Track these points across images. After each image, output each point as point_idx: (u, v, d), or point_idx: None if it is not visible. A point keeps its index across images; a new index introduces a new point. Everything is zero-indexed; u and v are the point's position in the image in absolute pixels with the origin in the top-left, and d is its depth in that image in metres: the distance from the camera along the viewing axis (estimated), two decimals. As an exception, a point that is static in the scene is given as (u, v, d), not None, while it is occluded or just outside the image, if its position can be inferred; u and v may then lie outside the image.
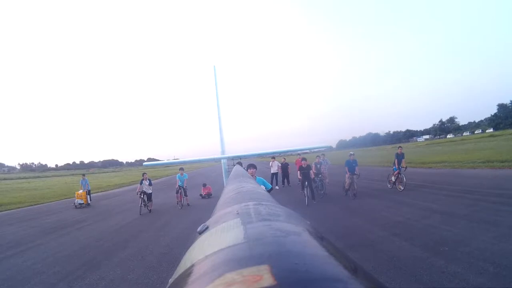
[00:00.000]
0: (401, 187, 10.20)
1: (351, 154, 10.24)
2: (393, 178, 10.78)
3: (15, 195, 21.07)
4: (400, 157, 10.62)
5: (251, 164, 4.39)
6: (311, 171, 9.91)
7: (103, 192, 21.89)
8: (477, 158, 16.77)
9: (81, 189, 14.16)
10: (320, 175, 10.88)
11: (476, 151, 21.78)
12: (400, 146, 11.25)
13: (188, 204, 11.22)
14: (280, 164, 14.65)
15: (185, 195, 11.13)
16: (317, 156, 11.49)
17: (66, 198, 17.92)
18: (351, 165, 9.93)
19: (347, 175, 9.93)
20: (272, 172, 14.45)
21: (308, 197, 9.28)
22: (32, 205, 15.74)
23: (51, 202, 17.03)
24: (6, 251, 6.63)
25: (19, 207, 15.10)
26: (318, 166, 10.93)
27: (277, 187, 13.78)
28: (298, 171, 10.17)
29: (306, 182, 9.44)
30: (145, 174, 11.19)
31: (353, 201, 9.17)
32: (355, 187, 9.64)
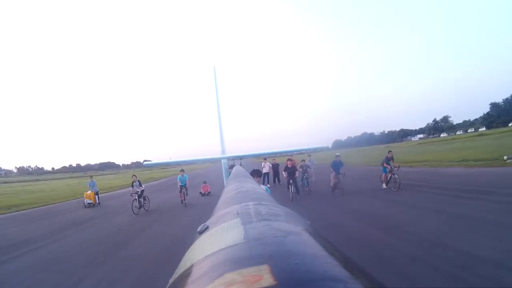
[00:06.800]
0: (385, 185, 11.05)
1: (337, 156, 11.04)
2: (386, 178, 11.16)
3: (24, 197, 22.15)
4: (389, 161, 11.10)
5: (255, 171, 3.85)
6: (296, 171, 11.15)
7: (106, 193, 22.97)
8: (456, 158, 18.07)
9: (89, 190, 15.43)
10: (306, 174, 12.20)
11: (461, 150, 22.72)
12: (390, 151, 11.67)
13: (185, 204, 12.24)
14: (271, 165, 16.15)
15: (186, 194, 12.33)
16: (302, 160, 12.67)
17: (73, 199, 19.19)
18: (337, 166, 10.70)
19: (332, 175, 10.90)
20: (263, 172, 15.84)
21: (292, 193, 10.56)
22: (44, 206, 16.94)
23: (60, 202, 18.24)
24: (43, 240, 7.95)
25: (33, 207, 16.28)
26: (305, 167, 12.21)
27: (268, 185, 15.19)
28: (284, 171, 11.35)
29: (291, 181, 10.74)
30: (134, 177, 11.86)
31: (333, 196, 10.41)
32: (342, 185, 10.46)
